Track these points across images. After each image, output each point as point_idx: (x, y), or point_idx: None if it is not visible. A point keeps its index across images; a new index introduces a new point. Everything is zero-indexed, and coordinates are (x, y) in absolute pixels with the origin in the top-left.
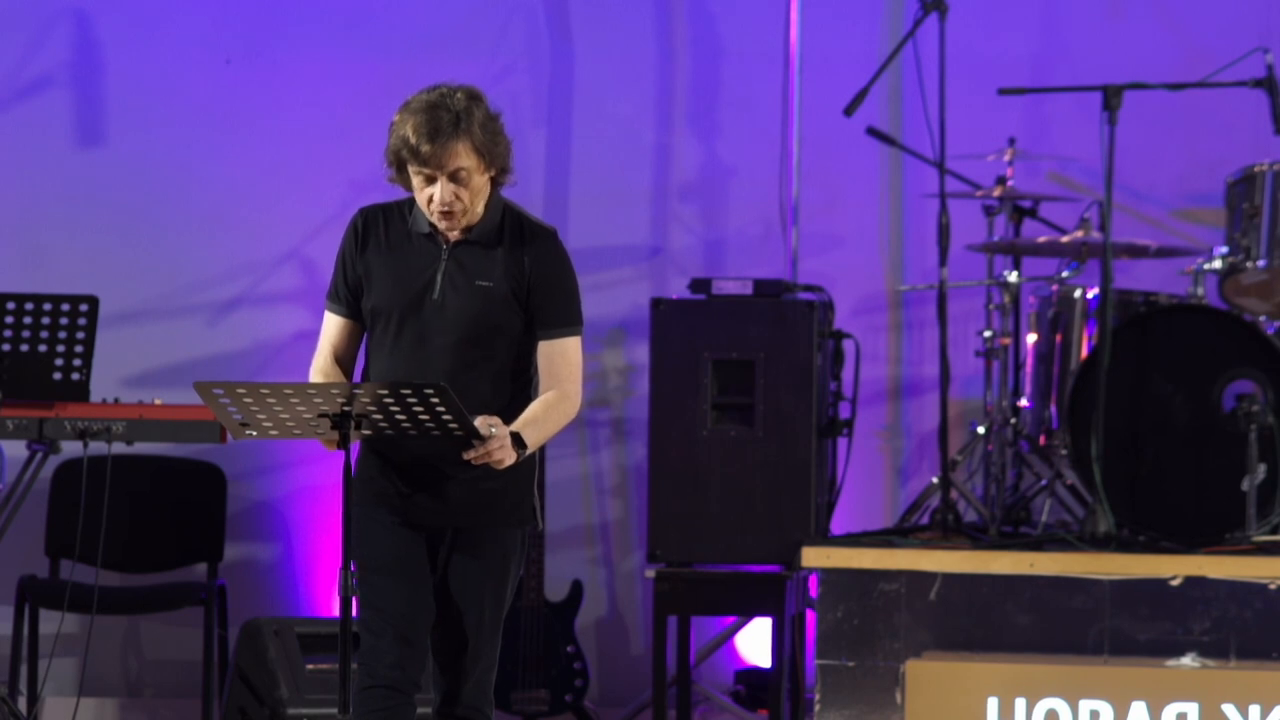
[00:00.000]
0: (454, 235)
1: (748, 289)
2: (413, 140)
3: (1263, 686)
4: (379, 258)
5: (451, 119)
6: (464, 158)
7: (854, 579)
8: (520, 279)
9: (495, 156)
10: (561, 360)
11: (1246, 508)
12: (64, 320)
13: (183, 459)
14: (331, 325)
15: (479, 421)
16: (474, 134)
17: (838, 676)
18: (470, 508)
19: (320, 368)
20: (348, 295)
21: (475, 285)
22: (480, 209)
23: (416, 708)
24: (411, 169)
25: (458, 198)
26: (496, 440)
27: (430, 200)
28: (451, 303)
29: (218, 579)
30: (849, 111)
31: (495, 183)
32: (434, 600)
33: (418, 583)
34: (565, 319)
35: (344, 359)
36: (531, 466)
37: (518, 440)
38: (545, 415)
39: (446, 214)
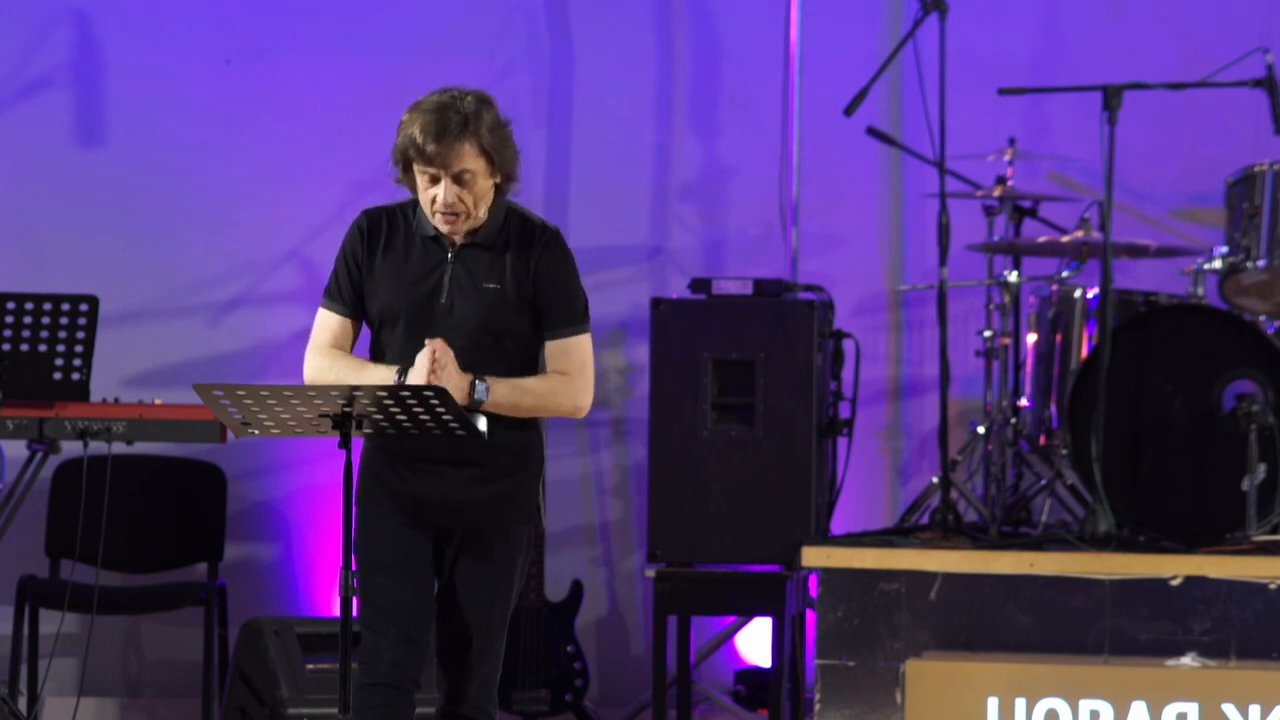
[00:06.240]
0: (458, 238)
1: (748, 289)
2: (419, 139)
3: (1263, 686)
4: (385, 261)
5: (460, 120)
6: (469, 160)
7: (854, 579)
8: (526, 280)
9: (502, 161)
10: (566, 358)
11: (1246, 508)
12: (64, 320)
13: (183, 459)
14: (332, 323)
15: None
16: (481, 136)
17: (838, 676)
18: (478, 508)
19: (324, 354)
20: (351, 296)
21: (482, 288)
22: (483, 214)
23: (416, 706)
24: (417, 168)
25: (460, 200)
26: (439, 362)
27: (433, 201)
28: (459, 306)
29: (218, 579)
30: (849, 111)
31: (500, 189)
32: (438, 599)
33: (421, 582)
34: (570, 319)
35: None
36: (539, 466)
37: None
38: (532, 385)
39: (448, 216)
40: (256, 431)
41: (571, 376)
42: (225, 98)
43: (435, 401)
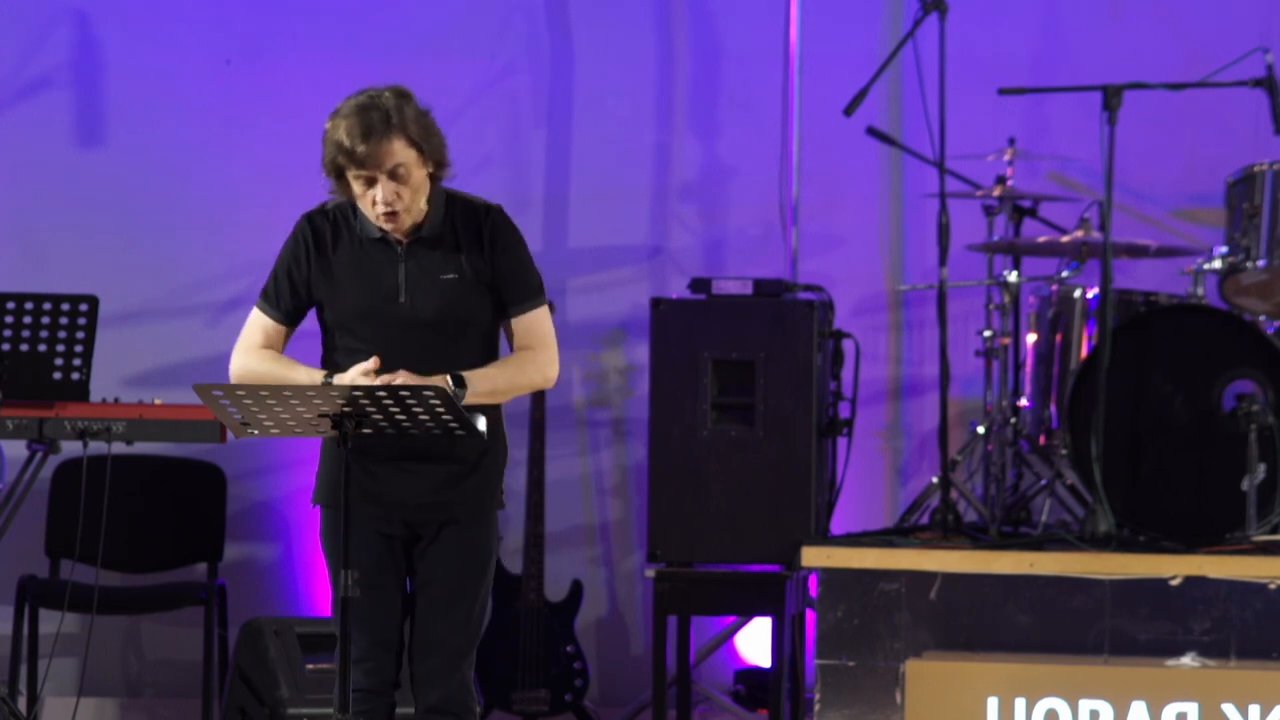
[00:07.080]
0: (403, 236)
1: (748, 289)
2: (347, 143)
3: (1263, 686)
4: (335, 267)
5: (382, 116)
6: (400, 153)
7: (854, 579)
8: (483, 265)
9: (432, 149)
10: (530, 333)
11: (1246, 508)
12: (64, 320)
13: (183, 459)
14: (266, 325)
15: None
16: (408, 128)
17: (838, 676)
18: (452, 504)
19: (253, 354)
20: (288, 303)
21: (439, 280)
22: (423, 205)
23: (396, 705)
24: (350, 174)
25: (399, 196)
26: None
27: (373, 204)
28: (419, 303)
29: (218, 579)
30: (849, 111)
31: (434, 178)
32: (410, 597)
33: (391, 585)
34: (529, 292)
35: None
36: (503, 454)
37: (459, 380)
38: (501, 372)
39: (390, 215)
40: (256, 431)
41: (536, 351)
42: (225, 98)
43: (435, 401)
